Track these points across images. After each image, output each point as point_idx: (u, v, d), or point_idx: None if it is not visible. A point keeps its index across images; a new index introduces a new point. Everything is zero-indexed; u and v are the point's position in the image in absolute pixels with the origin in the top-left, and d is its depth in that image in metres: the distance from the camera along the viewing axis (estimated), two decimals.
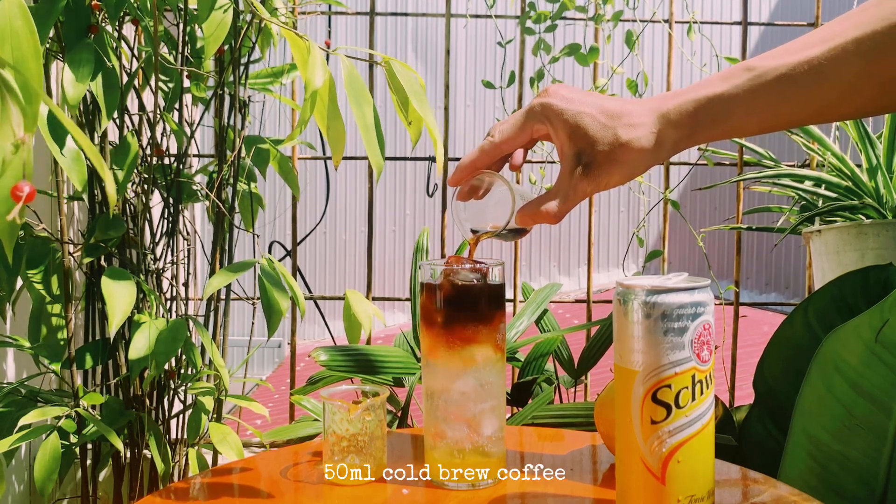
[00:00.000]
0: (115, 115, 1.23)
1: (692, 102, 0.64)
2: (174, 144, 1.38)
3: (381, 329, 4.48)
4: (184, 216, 1.32)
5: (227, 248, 1.33)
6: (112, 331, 1.05)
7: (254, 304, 1.47)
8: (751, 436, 1.26)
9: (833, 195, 1.51)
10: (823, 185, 1.54)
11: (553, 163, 1.78)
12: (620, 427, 0.61)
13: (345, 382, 1.46)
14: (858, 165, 1.52)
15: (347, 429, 0.73)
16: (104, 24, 1.16)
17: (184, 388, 1.31)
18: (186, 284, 1.36)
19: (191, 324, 1.25)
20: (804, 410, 0.99)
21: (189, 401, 1.31)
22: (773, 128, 0.65)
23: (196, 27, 1.28)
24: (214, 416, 1.28)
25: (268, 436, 1.40)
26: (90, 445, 1.30)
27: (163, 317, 1.17)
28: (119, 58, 1.18)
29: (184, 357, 1.28)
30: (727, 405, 1.66)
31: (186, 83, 1.31)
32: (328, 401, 0.74)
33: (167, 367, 1.26)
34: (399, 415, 1.40)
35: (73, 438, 1.16)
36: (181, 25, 1.22)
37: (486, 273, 0.71)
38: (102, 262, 1.25)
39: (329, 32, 4.68)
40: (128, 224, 1.24)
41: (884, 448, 0.92)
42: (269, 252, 2.22)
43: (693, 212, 5.21)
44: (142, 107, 1.30)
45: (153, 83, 1.19)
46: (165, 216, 1.29)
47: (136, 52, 1.31)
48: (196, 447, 1.26)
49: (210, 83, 1.33)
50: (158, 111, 1.19)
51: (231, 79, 1.28)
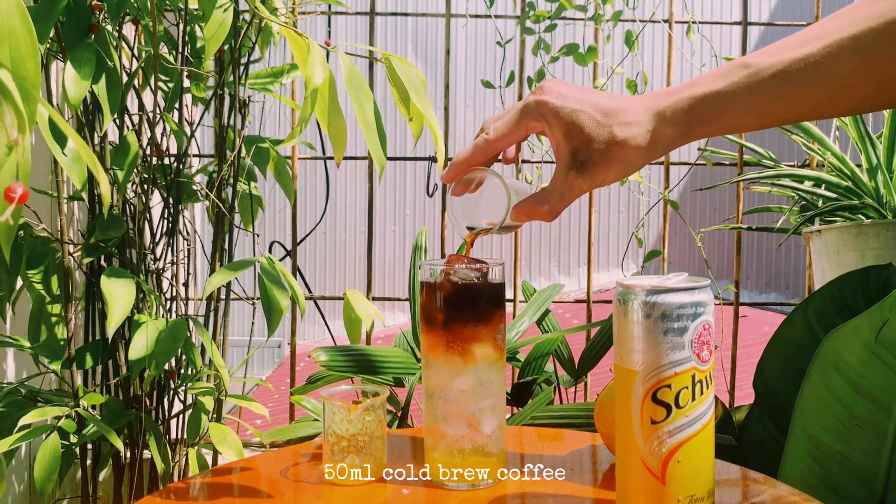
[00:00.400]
0: (115, 115, 1.23)
1: (688, 100, 0.64)
2: (174, 144, 1.38)
3: (381, 329, 4.48)
4: (184, 216, 1.32)
5: (227, 248, 1.33)
6: (110, 330, 1.05)
7: (254, 304, 1.47)
8: (751, 436, 1.26)
9: (833, 195, 1.51)
10: (823, 185, 1.54)
11: (549, 163, 1.78)
12: (620, 427, 0.61)
13: (345, 382, 1.46)
14: (858, 165, 1.52)
15: (347, 429, 0.73)
16: (104, 24, 1.16)
17: (184, 388, 1.31)
18: (186, 284, 1.36)
19: (191, 324, 1.25)
20: (804, 410, 0.99)
21: (189, 401, 1.31)
22: (769, 124, 0.66)
23: (196, 27, 1.28)
24: (214, 416, 1.28)
25: (268, 436, 1.40)
26: (90, 445, 1.30)
27: (163, 317, 1.17)
28: (119, 58, 1.18)
29: (184, 357, 1.28)
30: (727, 405, 1.66)
31: (186, 83, 1.31)
32: (328, 401, 0.74)
33: (167, 367, 1.26)
34: (399, 415, 1.40)
35: (73, 438, 1.16)
36: (181, 25, 1.22)
37: (486, 272, 0.71)
38: (102, 262, 1.25)
39: (329, 32, 4.68)
40: (128, 224, 1.24)
41: (884, 448, 0.92)
42: (269, 252, 2.22)
43: (693, 212, 5.21)
44: (142, 107, 1.30)
45: (153, 83, 1.19)
46: (165, 216, 1.29)
47: (136, 52, 1.31)
48: (196, 447, 1.26)
49: (210, 83, 1.33)
50: (158, 111, 1.19)
51: (231, 79, 1.28)
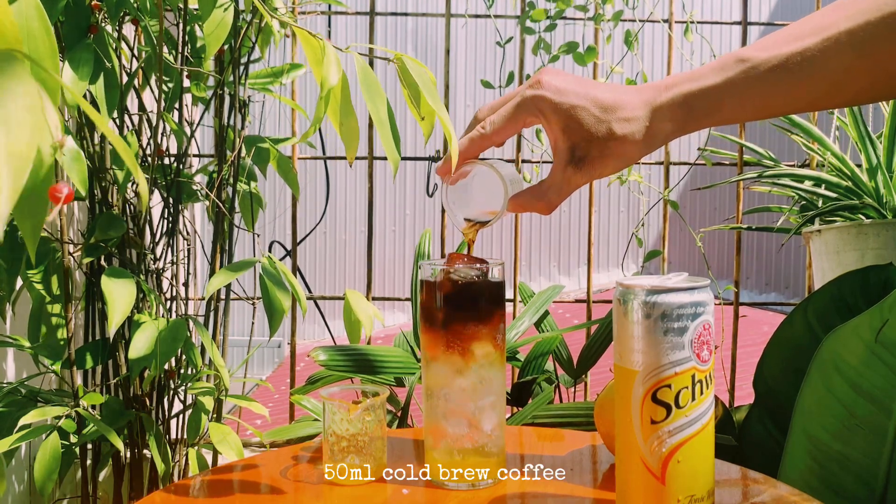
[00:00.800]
0: (115, 115, 1.23)
1: (685, 96, 0.64)
2: (174, 144, 1.38)
3: (381, 329, 4.48)
4: (184, 216, 1.32)
5: (228, 248, 1.33)
6: (111, 330, 1.05)
7: (254, 304, 1.47)
8: (751, 436, 1.26)
9: (833, 195, 1.51)
10: (823, 185, 1.54)
11: (549, 162, 1.78)
12: (620, 427, 0.61)
13: (345, 382, 1.46)
14: (858, 165, 1.51)
15: (347, 429, 0.73)
16: (104, 24, 1.16)
17: (184, 388, 1.31)
18: (186, 284, 1.36)
19: (191, 324, 1.25)
20: (804, 410, 0.99)
21: (189, 401, 1.31)
22: (764, 117, 0.66)
23: (196, 27, 1.28)
24: (214, 416, 1.28)
25: (268, 436, 1.40)
26: (90, 445, 1.30)
27: (163, 317, 1.17)
28: (119, 58, 1.18)
29: (184, 357, 1.28)
30: (727, 405, 1.66)
31: (186, 83, 1.31)
32: (328, 401, 0.74)
33: (167, 367, 1.26)
34: (399, 415, 1.40)
35: (73, 438, 1.16)
36: (181, 25, 1.22)
37: (487, 270, 0.71)
38: (102, 262, 1.25)
39: (329, 32, 4.68)
40: (128, 224, 1.24)
41: (884, 448, 0.92)
42: (269, 252, 2.22)
43: (693, 212, 5.21)
44: (142, 107, 1.30)
45: (153, 83, 1.19)
46: (165, 216, 1.29)
47: (136, 52, 1.31)
48: (196, 447, 1.26)
49: (210, 83, 1.33)
50: (160, 109, 1.19)
51: (231, 79, 1.28)
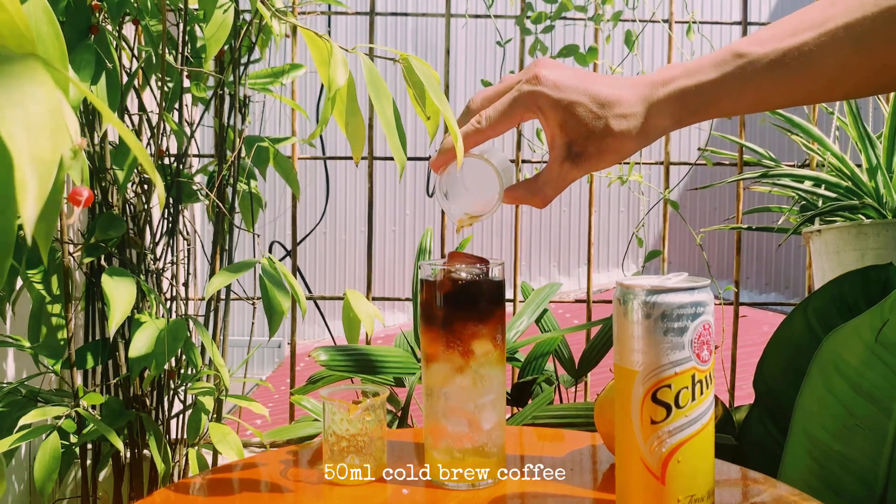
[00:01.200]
0: (115, 116, 1.23)
1: (682, 91, 0.64)
2: (174, 144, 1.38)
3: (381, 329, 4.48)
4: (184, 216, 1.32)
5: (228, 248, 1.33)
6: (112, 330, 1.05)
7: (254, 304, 1.47)
8: (751, 436, 1.26)
9: (833, 195, 1.51)
10: (823, 185, 1.54)
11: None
12: (620, 427, 0.61)
13: (345, 382, 1.46)
14: (858, 165, 1.51)
15: (347, 429, 0.73)
16: (104, 25, 1.16)
17: (184, 388, 1.31)
18: (186, 284, 1.36)
19: (191, 324, 1.25)
20: (804, 410, 0.99)
21: (189, 401, 1.31)
22: (760, 110, 0.67)
23: (196, 27, 1.28)
24: (214, 416, 1.28)
25: (268, 436, 1.40)
26: (90, 445, 1.30)
27: (163, 317, 1.17)
28: (119, 58, 1.18)
29: (184, 357, 1.28)
30: (727, 405, 1.66)
31: (186, 83, 1.31)
32: (328, 401, 0.74)
33: (167, 367, 1.26)
34: (399, 415, 1.40)
35: (73, 438, 1.16)
36: (181, 25, 1.22)
37: (487, 270, 0.71)
38: (102, 262, 1.25)
39: (329, 32, 4.67)
40: (128, 224, 1.24)
41: (884, 448, 0.92)
42: (269, 252, 2.22)
43: (693, 212, 5.21)
44: (142, 107, 1.30)
45: (154, 83, 1.19)
46: (165, 216, 1.29)
47: (136, 52, 1.31)
48: (196, 447, 1.26)
49: (210, 83, 1.33)
50: (161, 111, 1.19)
51: (231, 79, 1.28)
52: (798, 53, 0.61)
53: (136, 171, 1.23)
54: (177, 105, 1.28)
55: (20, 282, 1.19)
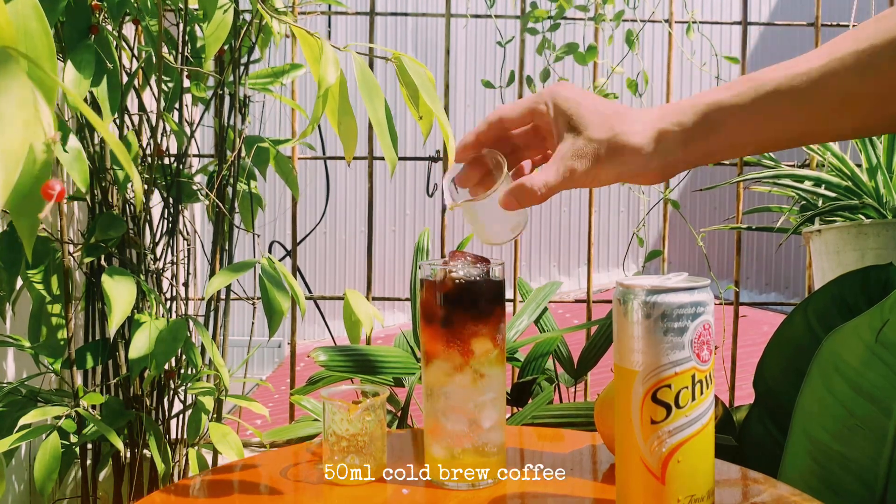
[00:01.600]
0: (115, 116, 1.23)
1: (690, 108, 0.65)
2: (174, 144, 1.38)
3: (381, 329, 4.48)
4: (184, 216, 1.32)
5: (227, 248, 1.33)
6: (112, 329, 1.05)
7: (254, 304, 1.47)
8: (751, 436, 1.26)
9: (833, 195, 1.51)
10: (823, 185, 1.54)
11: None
12: (620, 427, 0.61)
13: (345, 382, 1.46)
14: (858, 165, 1.51)
15: (347, 429, 0.73)
16: (105, 25, 1.16)
17: (184, 388, 1.31)
18: (186, 284, 1.36)
19: (191, 324, 1.25)
20: (804, 411, 0.99)
21: (189, 401, 1.31)
22: (768, 143, 0.66)
23: (196, 27, 1.28)
24: (214, 416, 1.28)
25: (268, 436, 1.40)
26: (90, 445, 1.30)
27: (163, 317, 1.17)
28: (119, 58, 1.18)
29: (184, 357, 1.28)
30: (727, 405, 1.66)
31: (186, 83, 1.31)
32: (328, 401, 0.74)
33: (167, 367, 1.26)
34: (399, 415, 1.40)
35: (73, 438, 1.16)
36: (181, 25, 1.22)
37: (487, 269, 0.71)
38: (102, 262, 1.25)
39: (329, 32, 4.68)
40: (128, 224, 1.24)
41: (884, 448, 0.92)
42: (269, 252, 2.22)
43: (693, 212, 5.21)
44: (142, 107, 1.30)
45: (153, 83, 1.19)
46: (165, 216, 1.29)
47: (136, 52, 1.31)
48: (196, 447, 1.26)
49: (210, 83, 1.33)
50: (160, 110, 1.19)
51: (231, 79, 1.28)
52: (806, 78, 0.62)
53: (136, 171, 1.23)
54: (177, 105, 1.28)
55: (20, 282, 1.19)
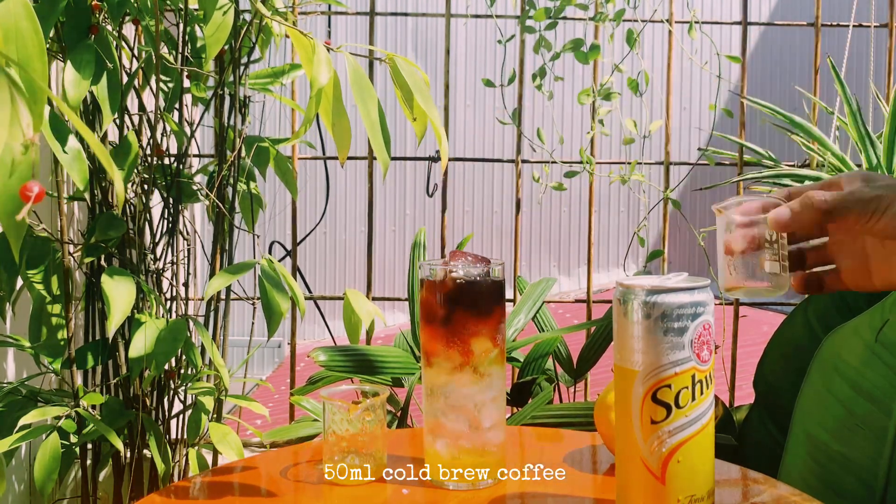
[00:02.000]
0: (115, 116, 1.23)
1: None
2: (174, 144, 1.38)
3: (381, 329, 4.48)
4: (184, 216, 1.32)
5: (228, 249, 1.33)
6: (111, 329, 1.05)
7: (254, 304, 1.47)
8: (751, 436, 1.26)
9: None
10: None
11: (553, 162, 1.78)
12: (620, 427, 0.61)
13: (345, 382, 1.46)
14: (858, 165, 1.51)
15: (347, 429, 0.73)
16: (105, 24, 1.16)
17: (184, 388, 1.31)
18: (186, 284, 1.36)
19: (191, 324, 1.25)
20: (804, 410, 0.99)
21: (189, 401, 1.31)
22: None
23: (196, 27, 1.28)
24: (214, 416, 1.28)
25: (268, 436, 1.40)
26: (90, 445, 1.30)
27: (163, 317, 1.17)
28: (119, 58, 1.18)
29: (184, 357, 1.28)
30: (727, 405, 1.66)
31: (186, 83, 1.31)
32: (328, 401, 0.74)
33: (167, 367, 1.26)
34: (399, 415, 1.40)
35: (73, 438, 1.16)
36: (181, 25, 1.22)
37: (487, 269, 0.71)
38: (102, 262, 1.25)
39: (329, 32, 4.68)
40: (128, 224, 1.24)
41: (884, 448, 0.92)
42: (269, 252, 2.22)
43: (693, 212, 5.19)
44: (142, 107, 1.30)
45: (153, 83, 1.19)
46: (165, 216, 1.29)
47: (136, 52, 1.31)
48: (196, 447, 1.26)
49: (210, 83, 1.33)
50: (159, 111, 1.19)
51: (231, 79, 1.28)
52: None
53: (136, 171, 1.23)
54: (177, 105, 1.28)
55: (20, 282, 1.19)
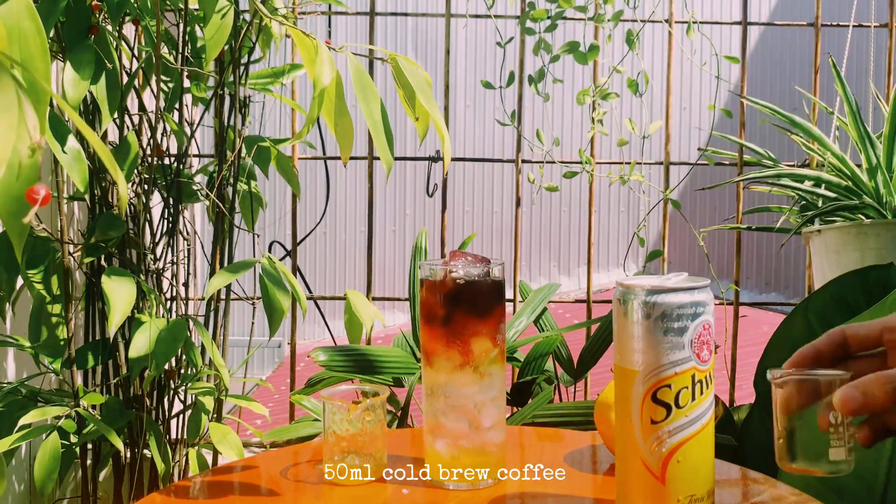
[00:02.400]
0: (115, 116, 1.23)
1: None
2: (174, 144, 1.38)
3: (381, 329, 4.48)
4: (184, 216, 1.32)
5: (228, 248, 1.33)
6: (111, 329, 1.05)
7: (254, 304, 1.47)
8: (751, 436, 1.26)
9: (833, 195, 1.51)
10: (823, 185, 1.53)
11: (553, 162, 1.78)
12: (620, 427, 0.61)
13: (345, 382, 1.46)
14: (858, 165, 1.51)
15: (347, 429, 0.73)
16: (104, 25, 1.16)
17: (184, 388, 1.31)
18: (186, 284, 1.36)
19: (191, 324, 1.25)
20: None
21: (189, 401, 1.31)
22: None
23: (196, 27, 1.28)
24: (214, 416, 1.28)
25: (268, 436, 1.40)
26: (90, 445, 1.30)
27: (163, 317, 1.17)
28: (119, 58, 1.18)
29: (184, 357, 1.28)
30: (727, 405, 1.66)
31: (186, 83, 1.31)
32: (328, 401, 0.74)
33: (167, 367, 1.26)
34: (399, 415, 1.40)
35: (74, 438, 1.16)
36: (181, 25, 1.22)
37: (488, 269, 0.71)
38: (102, 262, 1.25)
39: (329, 32, 4.67)
40: (128, 224, 1.24)
41: (884, 448, 0.92)
42: (270, 252, 2.21)
43: (693, 212, 5.21)
44: (142, 107, 1.30)
45: (153, 83, 1.19)
46: (165, 216, 1.29)
47: (136, 52, 1.31)
48: (196, 447, 1.26)
49: (210, 83, 1.33)
50: (159, 111, 1.19)
51: (231, 79, 1.28)
52: None
53: (136, 171, 1.23)
54: (177, 105, 1.28)
55: (20, 282, 1.19)
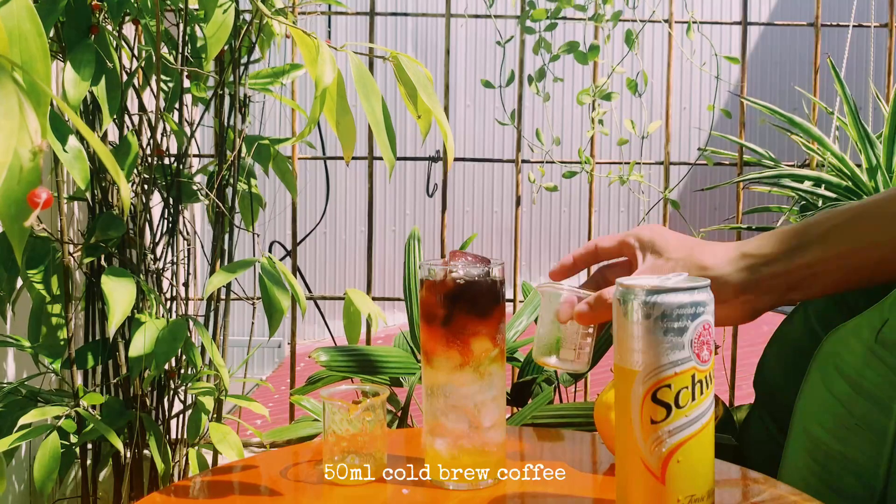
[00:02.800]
0: (115, 116, 1.23)
1: (770, 234, 0.72)
2: (174, 144, 1.38)
3: (381, 329, 4.48)
4: (184, 216, 1.32)
5: (227, 248, 1.33)
6: (111, 329, 1.05)
7: (254, 304, 1.47)
8: (751, 436, 1.26)
9: (833, 195, 1.51)
10: (823, 185, 1.53)
11: (553, 162, 1.78)
12: (620, 427, 0.61)
13: (345, 382, 1.46)
14: (858, 165, 1.51)
15: (347, 429, 0.73)
16: (105, 24, 1.16)
17: (184, 388, 1.31)
18: (186, 284, 1.36)
19: (191, 324, 1.25)
20: (804, 410, 0.99)
21: (189, 401, 1.31)
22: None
23: (196, 27, 1.28)
24: (214, 416, 1.28)
25: (268, 436, 1.40)
26: (90, 445, 1.30)
27: (163, 317, 1.17)
28: (119, 58, 1.18)
29: (184, 357, 1.28)
30: (727, 405, 1.66)
31: (186, 83, 1.31)
32: (328, 401, 0.74)
33: (167, 367, 1.26)
34: (399, 415, 1.40)
35: (73, 438, 1.16)
36: (181, 25, 1.22)
37: (487, 269, 0.71)
38: (102, 262, 1.25)
39: (329, 32, 4.68)
40: (128, 224, 1.24)
41: (884, 448, 0.92)
42: (269, 252, 2.21)
43: (693, 212, 5.21)
44: (142, 107, 1.30)
45: (153, 83, 1.19)
46: (165, 216, 1.29)
47: (136, 52, 1.31)
48: (196, 447, 1.26)
49: (210, 83, 1.33)
50: (159, 111, 1.19)
51: (231, 79, 1.28)
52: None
53: (136, 171, 1.23)
54: (177, 105, 1.28)
55: (20, 282, 1.19)
